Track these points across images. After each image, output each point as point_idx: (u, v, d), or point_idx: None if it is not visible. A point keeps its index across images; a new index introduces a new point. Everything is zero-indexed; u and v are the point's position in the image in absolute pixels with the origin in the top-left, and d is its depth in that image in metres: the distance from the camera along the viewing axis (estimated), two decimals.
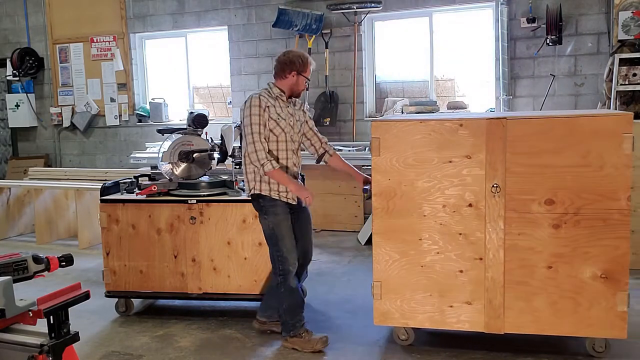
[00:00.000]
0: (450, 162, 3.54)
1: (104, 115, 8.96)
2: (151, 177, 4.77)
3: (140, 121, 8.79)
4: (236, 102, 8.15)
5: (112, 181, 4.72)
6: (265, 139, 3.72)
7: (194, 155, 4.56)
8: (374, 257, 3.71)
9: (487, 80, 7.28)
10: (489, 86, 7.23)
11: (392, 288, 3.70)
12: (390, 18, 7.57)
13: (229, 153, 4.56)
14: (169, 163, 4.56)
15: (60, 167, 9.14)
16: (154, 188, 4.44)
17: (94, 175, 7.52)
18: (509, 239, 3.50)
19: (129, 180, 4.67)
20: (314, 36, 7.51)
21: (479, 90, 7.49)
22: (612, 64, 5.59)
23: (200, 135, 4.66)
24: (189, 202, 4.33)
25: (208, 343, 4.00)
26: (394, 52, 7.72)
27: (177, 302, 4.72)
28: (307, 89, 4.04)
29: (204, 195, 4.35)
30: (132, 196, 4.50)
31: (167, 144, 4.64)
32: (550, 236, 3.44)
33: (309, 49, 7.54)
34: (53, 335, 2.06)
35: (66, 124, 9.16)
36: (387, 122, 3.66)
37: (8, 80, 9.38)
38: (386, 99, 7.64)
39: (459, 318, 3.63)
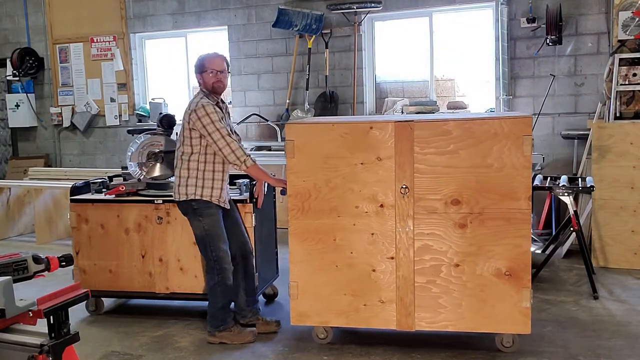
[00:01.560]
0: (362, 163, 3.61)
1: (104, 115, 8.96)
2: (123, 178, 4.79)
3: (140, 121, 8.77)
4: (236, 102, 8.15)
5: (83, 181, 4.75)
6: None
7: (162, 156, 4.58)
8: (290, 258, 3.77)
9: (487, 80, 7.27)
10: (489, 86, 7.22)
11: (308, 288, 3.75)
12: (390, 18, 7.56)
13: None
14: (137, 163, 4.59)
15: (60, 167, 9.13)
16: (122, 188, 4.48)
17: (94, 175, 7.49)
18: (418, 239, 3.58)
19: (100, 180, 4.70)
20: (314, 36, 7.51)
21: (479, 90, 7.49)
22: (612, 64, 5.58)
23: (169, 136, 4.69)
24: (156, 202, 4.36)
25: (207, 343, 4.00)
26: (393, 52, 7.72)
27: (176, 303, 4.72)
28: (217, 81, 3.93)
29: (170, 196, 4.34)
30: (101, 196, 4.53)
31: (135, 145, 4.66)
32: (457, 235, 3.53)
33: (309, 49, 7.54)
34: (53, 335, 2.06)
35: (66, 124, 9.15)
36: (300, 125, 3.76)
37: (8, 80, 9.37)
38: (386, 99, 7.64)
39: (373, 316, 3.69)
